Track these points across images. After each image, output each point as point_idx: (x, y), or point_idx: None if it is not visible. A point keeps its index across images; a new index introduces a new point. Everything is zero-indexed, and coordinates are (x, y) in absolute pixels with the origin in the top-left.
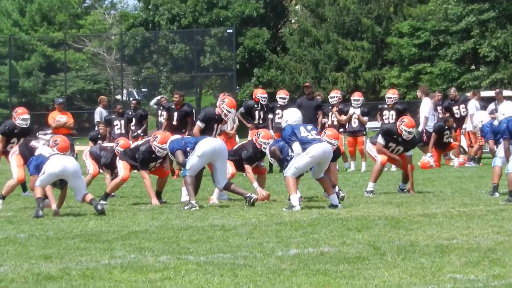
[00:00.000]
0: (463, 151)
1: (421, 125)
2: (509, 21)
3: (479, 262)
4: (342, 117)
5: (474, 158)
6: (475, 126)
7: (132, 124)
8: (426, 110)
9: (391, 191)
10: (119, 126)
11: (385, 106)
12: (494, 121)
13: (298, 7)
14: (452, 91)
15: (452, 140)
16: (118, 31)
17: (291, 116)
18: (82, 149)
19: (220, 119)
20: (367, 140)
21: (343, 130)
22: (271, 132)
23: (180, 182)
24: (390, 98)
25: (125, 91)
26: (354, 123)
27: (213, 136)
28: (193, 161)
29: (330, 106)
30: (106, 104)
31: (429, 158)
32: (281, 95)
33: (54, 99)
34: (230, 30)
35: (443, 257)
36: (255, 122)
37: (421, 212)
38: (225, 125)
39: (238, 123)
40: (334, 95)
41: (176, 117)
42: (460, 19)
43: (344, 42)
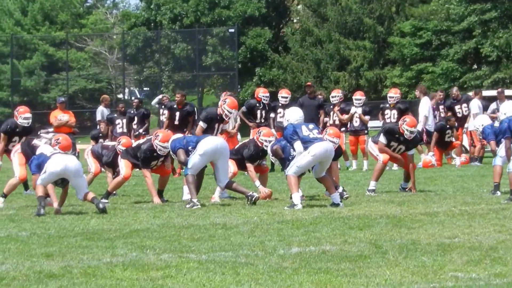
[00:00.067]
0: (465, 150)
1: (420, 124)
2: (511, 21)
3: (481, 261)
4: (344, 116)
5: (476, 158)
6: (477, 129)
7: (134, 123)
8: (425, 109)
9: (393, 190)
10: (121, 125)
11: (387, 105)
12: (495, 122)
13: (300, 7)
14: (454, 91)
15: (454, 139)
16: (120, 31)
17: (293, 115)
18: (84, 147)
19: (221, 119)
20: (369, 139)
21: (345, 129)
22: (273, 131)
23: (181, 180)
24: (392, 97)
25: (127, 90)
26: (356, 122)
27: (214, 135)
28: (194, 159)
29: (332, 106)
30: (108, 103)
31: (430, 157)
32: (283, 94)
33: (56, 98)
34: (232, 30)
35: (445, 255)
36: (257, 121)
37: (422, 211)
38: (226, 124)
39: (240, 122)
40: (335, 95)
41: (178, 116)
42: (462, 19)
43: (346, 41)
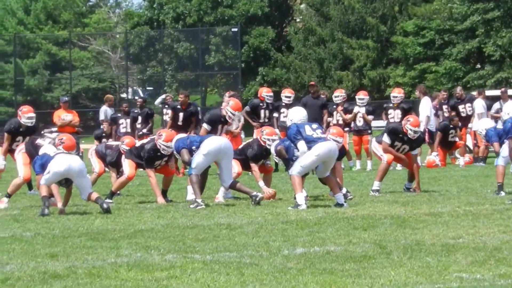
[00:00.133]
0: (469, 150)
1: (422, 124)
2: None
3: (485, 261)
4: (347, 116)
5: (481, 158)
6: (480, 133)
7: (138, 122)
8: (427, 110)
9: (397, 190)
10: (125, 124)
11: (390, 105)
12: (498, 123)
13: (303, 6)
14: (458, 90)
15: (457, 139)
16: (123, 30)
17: (296, 114)
18: (88, 147)
19: (225, 121)
20: (373, 139)
21: (348, 129)
22: (277, 131)
23: (185, 180)
24: (396, 97)
25: (130, 90)
26: (359, 122)
27: (217, 135)
28: (198, 159)
29: (335, 105)
30: (112, 103)
31: (434, 157)
32: (286, 94)
33: (59, 98)
34: (235, 29)
35: (449, 256)
36: (261, 121)
37: (427, 211)
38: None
39: (244, 122)
40: (338, 94)
41: (181, 117)
42: (465, 18)
43: (349, 41)
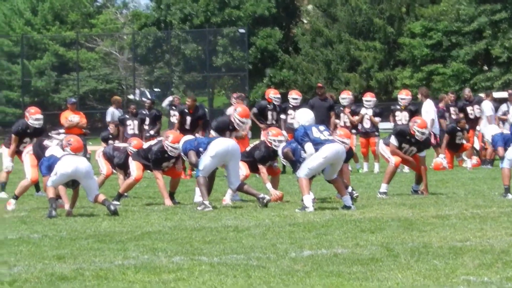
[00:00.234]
0: (476, 153)
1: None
2: None
3: (493, 264)
4: (354, 118)
5: (488, 161)
6: (487, 140)
7: (146, 124)
8: (431, 112)
9: (404, 193)
10: (132, 126)
11: (397, 107)
12: (505, 126)
13: (310, 7)
14: (466, 92)
15: (464, 141)
16: (130, 31)
17: (303, 116)
18: (95, 149)
19: (233, 128)
20: (380, 141)
21: (356, 131)
22: (284, 132)
23: (193, 182)
24: (404, 99)
25: (137, 91)
26: (366, 124)
27: None
28: (206, 161)
29: (342, 107)
30: (120, 104)
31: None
32: (293, 96)
33: (66, 99)
34: (243, 30)
35: (457, 259)
36: (268, 123)
37: (434, 213)
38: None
39: (251, 124)
40: (345, 96)
41: (188, 121)
42: (472, 20)
43: (356, 42)
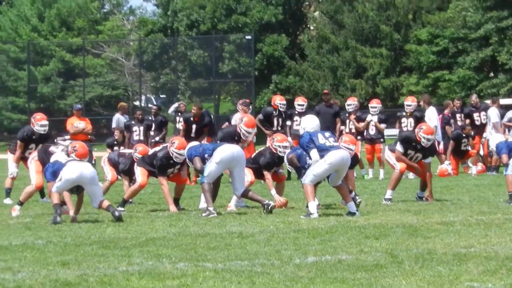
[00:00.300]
0: (481, 159)
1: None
2: None
3: (497, 271)
4: (360, 124)
5: (493, 168)
6: (492, 149)
7: (152, 130)
8: (434, 120)
9: (409, 199)
10: (138, 132)
11: (403, 113)
12: (510, 133)
13: (316, 14)
14: (473, 98)
15: (470, 148)
16: (137, 37)
17: (309, 123)
18: (100, 155)
19: (239, 138)
20: (386, 147)
21: (361, 137)
22: (289, 139)
23: (198, 189)
24: (410, 105)
25: (143, 97)
26: (372, 130)
27: None
28: (211, 167)
29: (348, 114)
30: (126, 110)
31: (447, 166)
32: (299, 102)
33: (72, 105)
34: (249, 37)
35: (461, 265)
36: (274, 129)
37: (439, 220)
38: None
39: (256, 130)
40: (350, 103)
41: (194, 129)
42: (478, 27)
43: (362, 49)
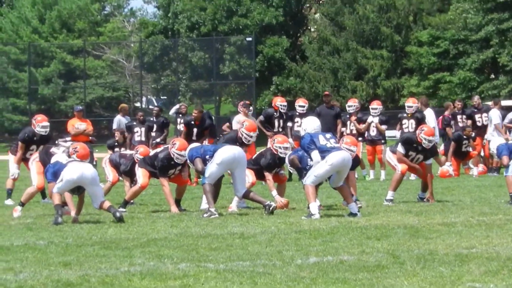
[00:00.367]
0: (482, 160)
1: None
2: None
3: (499, 271)
4: (361, 125)
5: (494, 168)
6: (492, 152)
7: (153, 131)
8: (432, 122)
9: (411, 200)
10: (140, 133)
11: (404, 115)
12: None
13: (317, 16)
14: (475, 99)
15: (470, 149)
16: (138, 39)
17: (310, 124)
18: (101, 156)
19: (241, 143)
20: (387, 148)
21: (362, 139)
22: (291, 140)
23: (199, 190)
24: (411, 107)
25: (144, 99)
26: (373, 132)
27: None
28: (212, 169)
29: (348, 115)
30: (127, 112)
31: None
32: (300, 103)
33: (73, 106)
34: (250, 38)
35: (463, 266)
36: (275, 130)
37: (440, 221)
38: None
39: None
40: (351, 104)
41: (195, 132)
42: (479, 28)
43: (363, 50)
